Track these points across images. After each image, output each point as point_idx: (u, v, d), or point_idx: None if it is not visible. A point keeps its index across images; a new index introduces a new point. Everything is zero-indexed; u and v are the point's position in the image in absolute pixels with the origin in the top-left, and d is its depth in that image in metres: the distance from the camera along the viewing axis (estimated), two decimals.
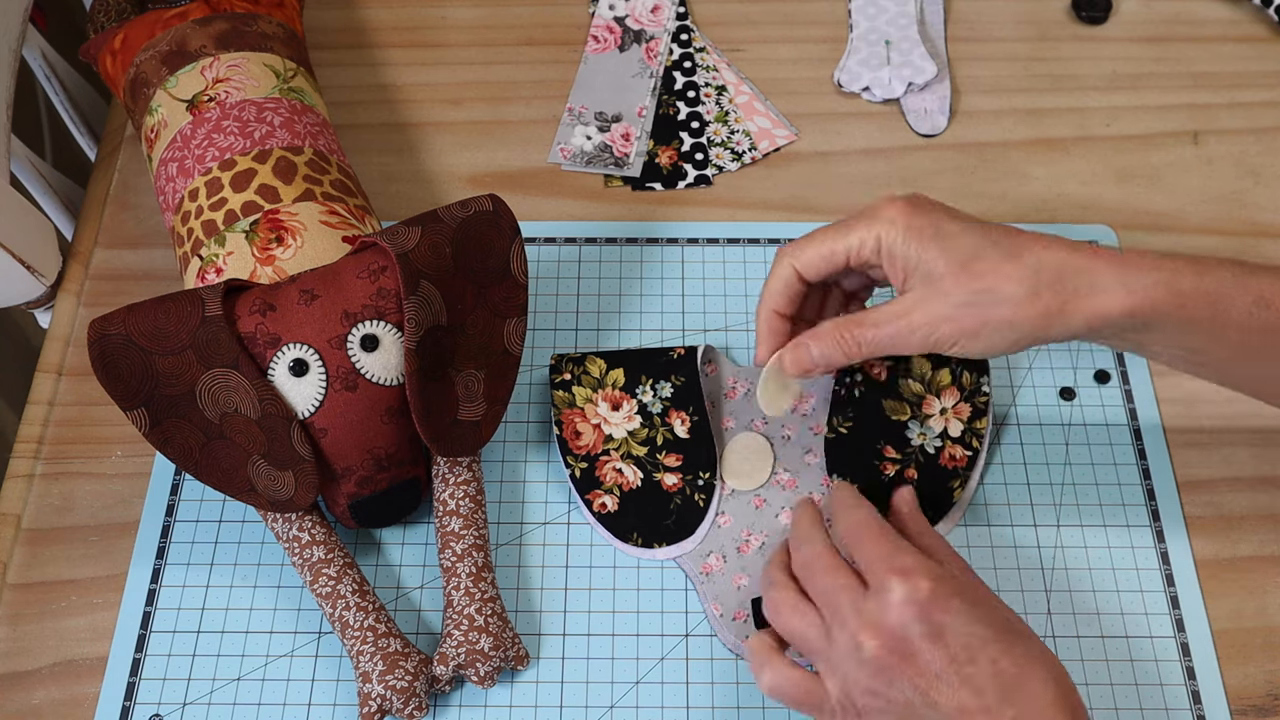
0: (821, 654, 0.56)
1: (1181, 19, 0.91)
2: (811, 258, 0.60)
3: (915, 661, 0.53)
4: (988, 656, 0.52)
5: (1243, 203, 0.81)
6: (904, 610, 0.53)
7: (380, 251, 0.62)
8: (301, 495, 0.61)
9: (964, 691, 0.52)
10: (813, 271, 0.60)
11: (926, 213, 0.58)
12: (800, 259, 0.60)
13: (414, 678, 0.60)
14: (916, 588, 0.53)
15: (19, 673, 0.64)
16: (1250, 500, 0.69)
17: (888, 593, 0.54)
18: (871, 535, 0.57)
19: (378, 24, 0.91)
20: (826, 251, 0.60)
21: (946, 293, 0.57)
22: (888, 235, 0.58)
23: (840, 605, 0.55)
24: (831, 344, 0.60)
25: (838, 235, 0.59)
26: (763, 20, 0.91)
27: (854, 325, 0.60)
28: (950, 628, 0.53)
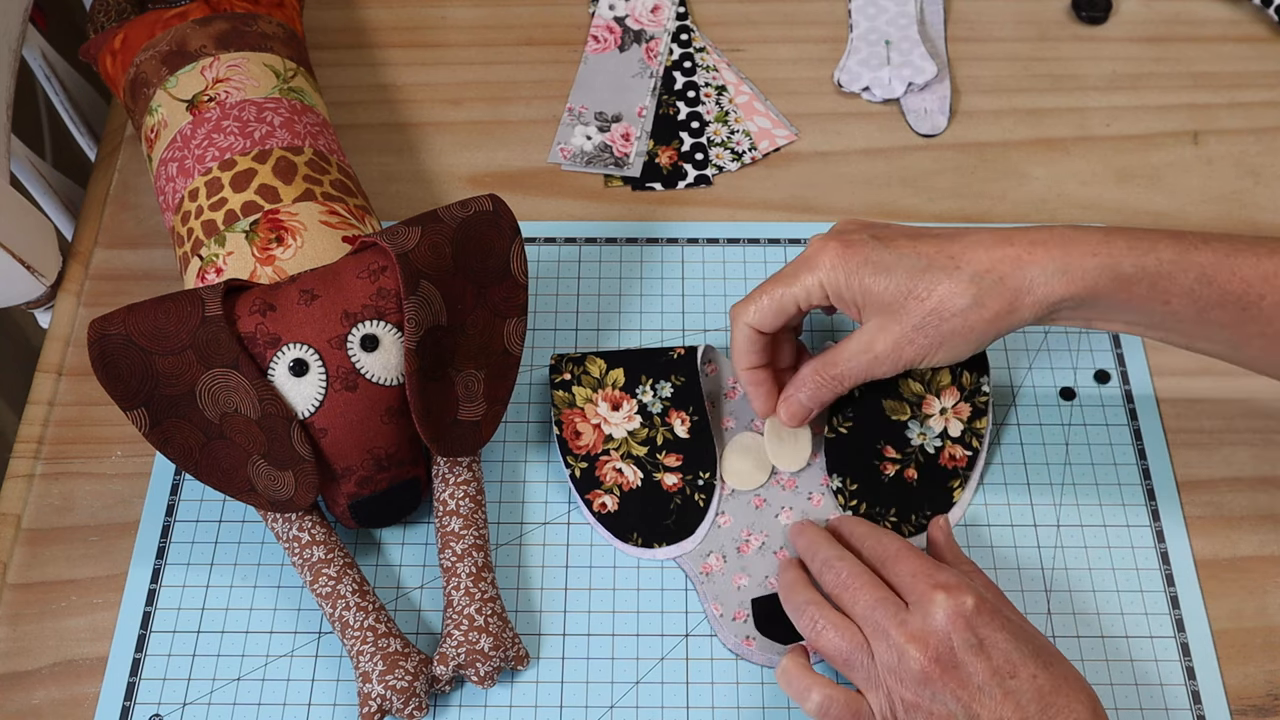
0: (863, 671, 0.57)
1: (1181, 19, 0.91)
2: (764, 314, 0.63)
3: (959, 673, 0.54)
4: (1028, 672, 0.54)
5: (1243, 203, 0.81)
6: (949, 621, 0.55)
7: (380, 251, 0.62)
8: (301, 495, 0.61)
9: (1006, 705, 0.53)
10: (768, 325, 0.63)
11: (859, 249, 0.60)
12: (753, 318, 0.63)
13: (414, 678, 0.60)
14: (961, 601, 0.55)
15: (19, 673, 0.64)
16: (1250, 500, 0.69)
17: (932, 605, 0.55)
18: (907, 555, 0.59)
19: (378, 24, 0.91)
20: (776, 306, 0.62)
21: (899, 319, 0.60)
22: (831, 281, 0.60)
23: (882, 620, 0.56)
24: (814, 388, 0.64)
25: (783, 287, 0.62)
26: (763, 20, 0.91)
27: (829, 366, 0.63)
28: (992, 642, 0.54)
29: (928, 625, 0.55)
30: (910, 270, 0.59)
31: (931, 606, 0.55)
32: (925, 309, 0.59)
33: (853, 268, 0.60)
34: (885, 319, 0.60)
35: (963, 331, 0.59)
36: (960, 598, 0.55)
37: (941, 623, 0.55)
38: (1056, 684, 0.54)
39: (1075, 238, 0.58)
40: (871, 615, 0.57)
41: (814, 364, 0.64)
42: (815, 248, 0.61)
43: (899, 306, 0.60)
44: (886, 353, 0.61)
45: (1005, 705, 0.53)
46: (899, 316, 0.60)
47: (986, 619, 0.55)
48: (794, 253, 0.78)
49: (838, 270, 0.60)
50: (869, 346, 0.61)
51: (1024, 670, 0.54)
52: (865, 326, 0.62)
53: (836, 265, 0.60)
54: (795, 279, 0.62)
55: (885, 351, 0.61)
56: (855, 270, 0.60)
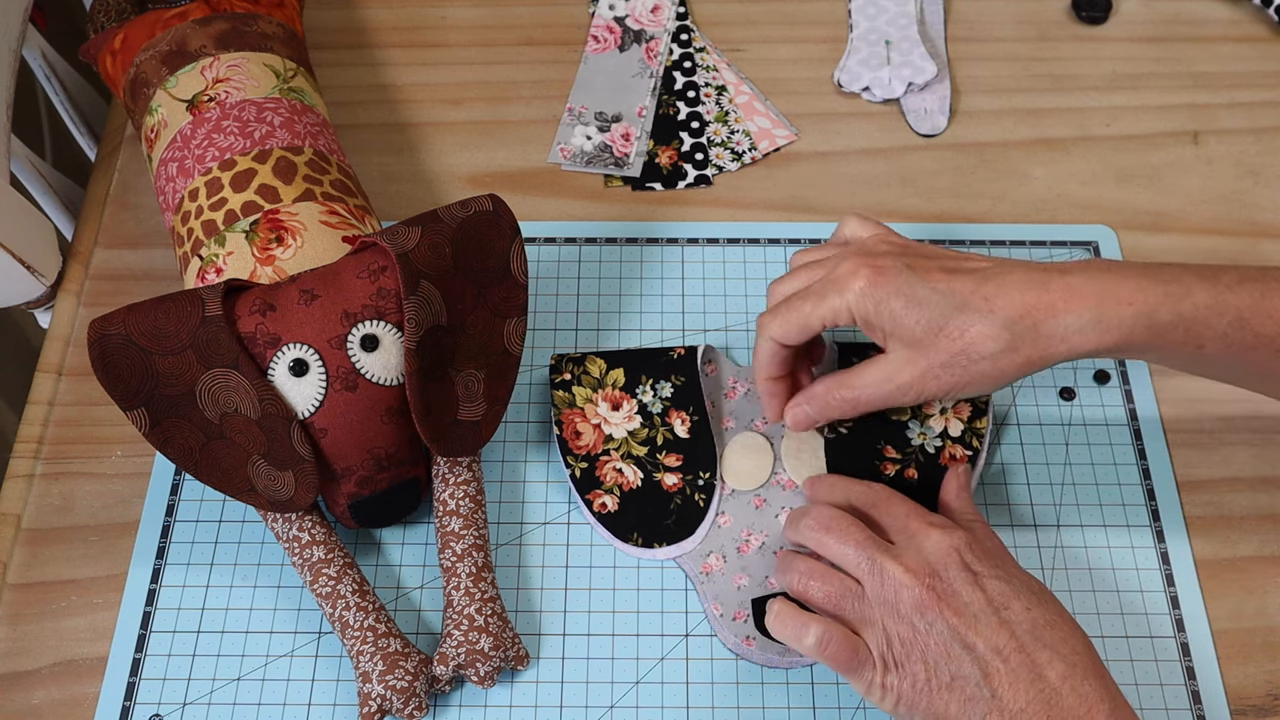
0: (856, 611, 0.57)
1: (1181, 19, 0.91)
2: (789, 329, 0.62)
3: (954, 601, 0.55)
4: (1022, 604, 0.55)
5: (1243, 203, 0.81)
6: (943, 554, 0.56)
7: (380, 251, 0.62)
8: (301, 495, 0.61)
9: (1002, 633, 0.54)
10: (791, 340, 0.63)
11: (891, 279, 0.59)
12: (778, 332, 0.62)
13: (414, 678, 0.60)
14: (954, 536, 0.56)
15: (19, 673, 0.64)
16: (1250, 500, 0.69)
17: (925, 539, 0.57)
18: (899, 498, 0.60)
19: (378, 24, 0.91)
20: (802, 323, 0.61)
21: (927, 355, 0.59)
22: (859, 306, 0.60)
23: (875, 555, 0.57)
24: (823, 405, 0.64)
25: (810, 305, 0.61)
26: (763, 20, 0.91)
27: (844, 388, 0.63)
28: (986, 575, 0.55)
29: (921, 557, 0.56)
30: (943, 308, 0.58)
31: (925, 540, 0.56)
32: (955, 348, 0.58)
33: (883, 296, 0.59)
34: (913, 352, 0.59)
35: (991, 373, 0.58)
36: (953, 534, 0.56)
37: (935, 554, 0.56)
38: (1051, 618, 0.55)
39: (1111, 285, 0.57)
40: (862, 552, 0.57)
41: (829, 382, 0.63)
42: (846, 271, 0.60)
43: (928, 342, 0.59)
44: (909, 384, 0.60)
45: (1000, 634, 0.53)
46: (927, 352, 0.59)
47: (979, 556, 0.56)
48: (794, 252, 0.78)
49: (867, 298, 0.59)
50: (891, 377, 0.61)
51: (1018, 603, 0.54)
52: (889, 356, 0.61)
53: (866, 293, 0.59)
54: (822, 299, 0.60)
55: (908, 383, 0.60)
56: (885, 299, 0.59)
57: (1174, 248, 0.79)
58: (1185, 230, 0.80)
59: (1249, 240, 0.79)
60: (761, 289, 0.76)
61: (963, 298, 0.58)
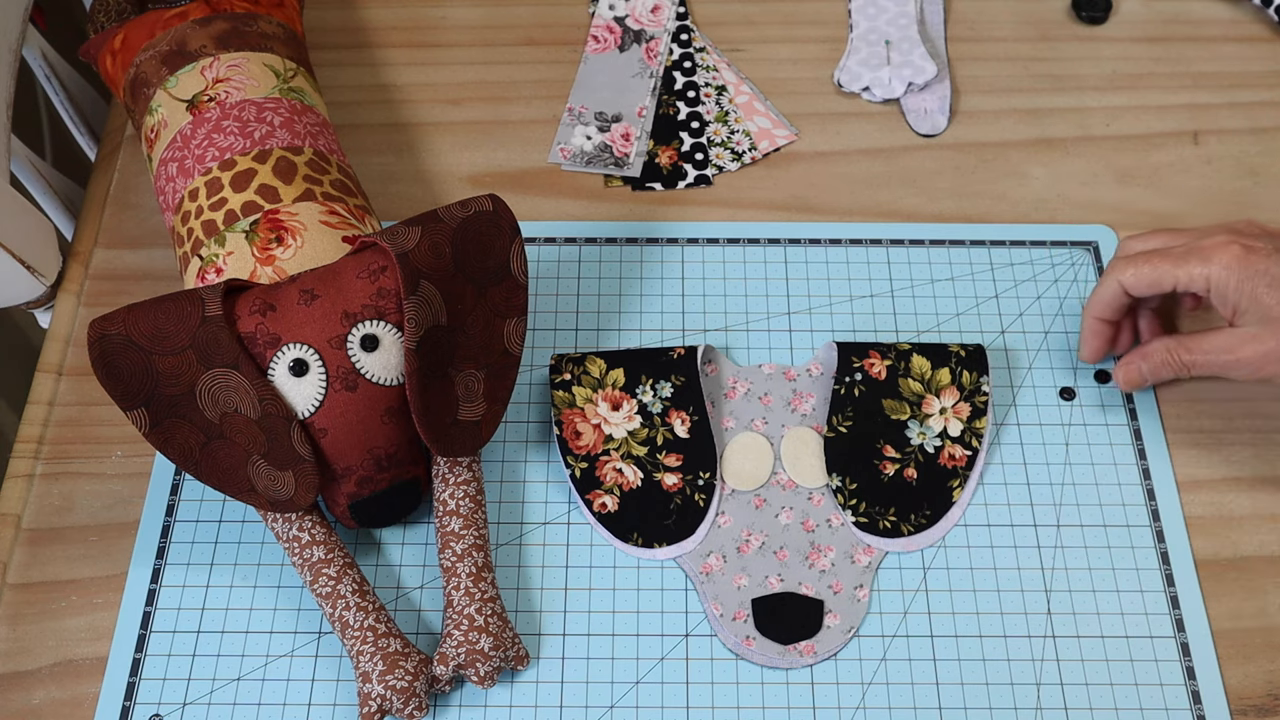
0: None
1: (1181, 19, 0.91)
2: (1141, 280, 0.65)
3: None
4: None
5: (1243, 203, 0.81)
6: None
7: (380, 251, 0.62)
8: (301, 495, 0.61)
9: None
10: (1139, 291, 0.65)
11: (1259, 258, 0.61)
12: (1129, 279, 0.65)
13: (414, 678, 0.60)
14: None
15: (19, 673, 0.64)
16: (1250, 500, 0.69)
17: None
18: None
19: (378, 24, 0.91)
20: (1156, 277, 0.64)
21: (1277, 336, 0.61)
22: (1219, 279, 0.62)
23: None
24: (1160, 364, 0.67)
25: (1171, 265, 0.63)
26: (763, 20, 0.91)
27: (1183, 350, 0.65)
28: None
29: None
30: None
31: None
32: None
33: (1247, 274, 0.61)
34: (1262, 330, 0.62)
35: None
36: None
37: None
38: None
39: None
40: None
41: (1168, 342, 0.66)
42: (1215, 243, 0.63)
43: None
44: (1249, 361, 0.62)
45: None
46: (1277, 333, 0.61)
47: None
48: (794, 253, 0.78)
49: (1231, 272, 0.61)
50: (1233, 349, 0.63)
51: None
52: (1235, 330, 0.63)
53: (1232, 267, 0.61)
54: (1184, 263, 0.63)
55: (1249, 360, 0.62)
56: (1250, 277, 0.61)
57: None
58: None
59: None
60: (762, 289, 0.76)
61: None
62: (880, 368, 0.70)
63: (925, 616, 0.65)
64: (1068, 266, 0.77)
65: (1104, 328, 0.69)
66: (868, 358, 0.70)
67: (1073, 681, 0.63)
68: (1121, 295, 0.67)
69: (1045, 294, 0.76)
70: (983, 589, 0.66)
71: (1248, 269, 0.61)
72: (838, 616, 0.64)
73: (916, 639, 0.64)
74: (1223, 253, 0.62)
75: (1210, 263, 0.62)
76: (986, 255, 0.78)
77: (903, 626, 0.65)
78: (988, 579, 0.66)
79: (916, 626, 0.65)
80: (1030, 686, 0.63)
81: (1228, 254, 0.62)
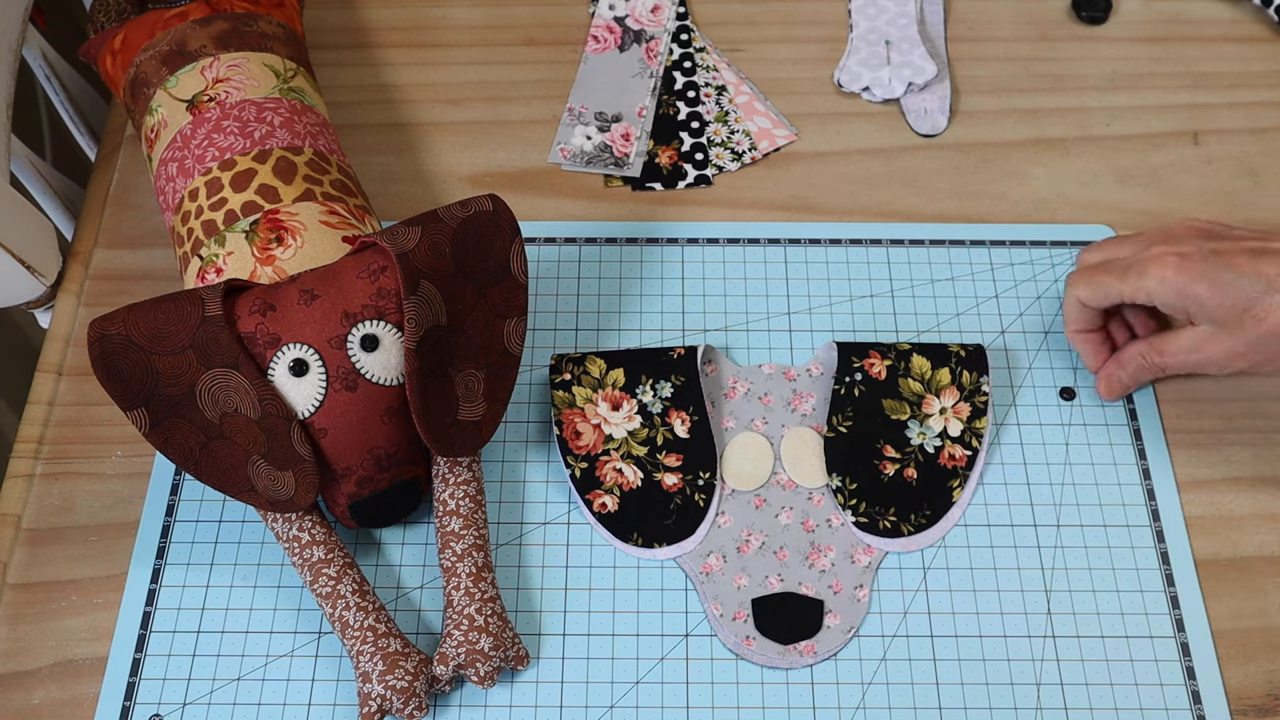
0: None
1: (1181, 19, 0.91)
2: (1093, 294, 0.66)
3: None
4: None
5: (1243, 203, 0.81)
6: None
7: (380, 251, 0.62)
8: (301, 495, 0.61)
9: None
10: (1095, 304, 0.67)
11: (1194, 265, 0.62)
12: (1084, 294, 0.67)
13: (414, 678, 0.60)
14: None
15: (19, 673, 0.64)
16: (1250, 500, 0.69)
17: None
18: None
19: (378, 24, 0.91)
20: (1103, 292, 0.66)
21: (1233, 334, 0.62)
22: (1159, 293, 0.62)
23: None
24: (1136, 369, 0.68)
25: (1115, 280, 0.65)
26: (763, 20, 0.91)
27: (1155, 354, 0.66)
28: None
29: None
30: (1248, 291, 0.60)
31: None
32: (1262, 329, 0.61)
33: (1185, 283, 0.61)
34: (1218, 329, 0.62)
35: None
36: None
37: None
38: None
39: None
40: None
41: (1141, 347, 0.67)
42: (1152, 256, 0.63)
43: (1234, 322, 0.61)
44: (1217, 359, 0.63)
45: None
46: (1232, 331, 0.61)
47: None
48: (794, 253, 0.78)
49: (1168, 284, 0.62)
50: (1199, 347, 0.63)
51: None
52: (1196, 330, 0.64)
53: (1167, 279, 0.62)
54: (1125, 277, 0.64)
55: (1215, 357, 0.63)
56: (1188, 285, 0.61)
57: None
58: None
59: None
60: (762, 289, 0.76)
61: (1268, 280, 0.60)
62: (880, 368, 0.70)
63: (925, 616, 0.65)
64: (1068, 266, 0.77)
65: (1090, 337, 0.70)
66: (868, 358, 0.70)
67: (1073, 681, 0.63)
68: (1082, 308, 0.68)
69: (1045, 294, 0.76)
70: (983, 589, 0.66)
71: (1184, 276, 0.62)
72: (838, 616, 0.64)
73: (916, 639, 0.64)
74: (1158, 266, 0.63)
75: (1147, 276, 0.63)
76: (986, 255, 0.78)
77: (903, 626, 0.65)
78: (988, 579, 0.66)
79: (916, 626, 0.65)
80: (1030, 686, 0.63)
81: (1163, 268, 0.62)
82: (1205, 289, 0.61)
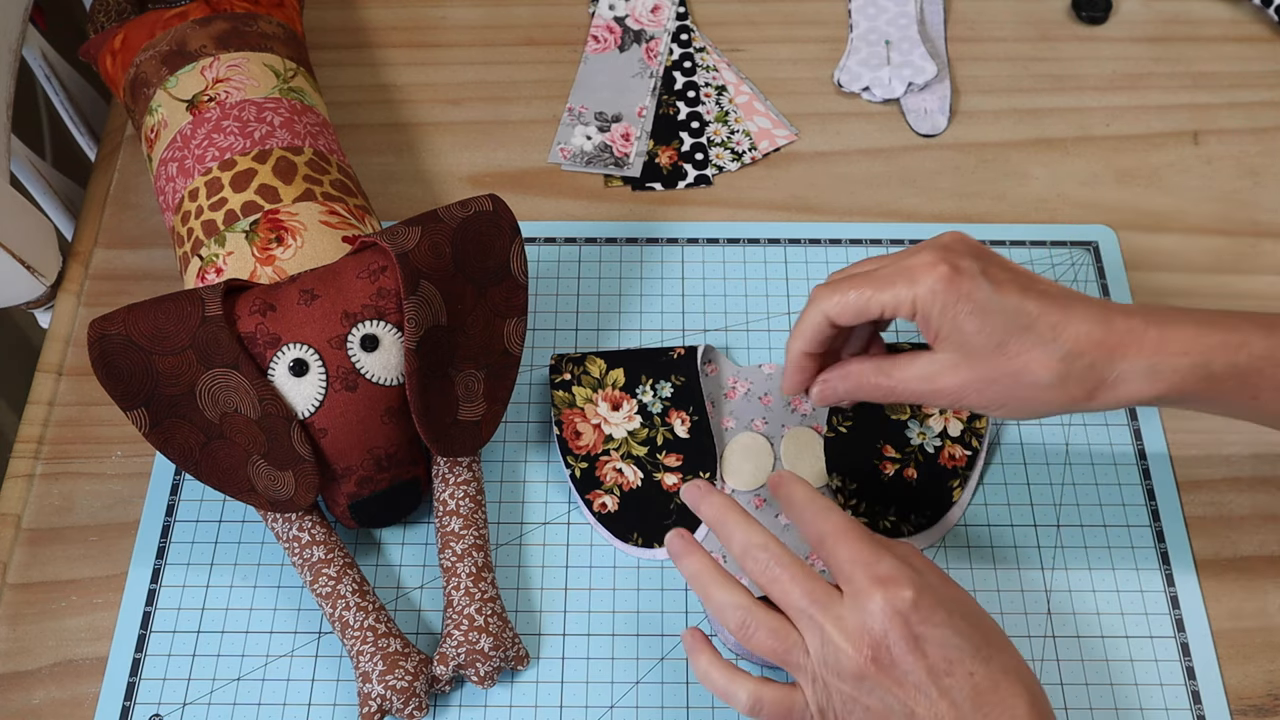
0: (798, 665, 0.55)
1: (1181, 19, 0.91)
2: (845, 308, 0.59)
3: (895, 671, 0.52)
4: (965, 670, 0.52)
5: (1243, 203, 0.81)
6: (886, 619, 0.52)
7: (380, 251, 0.62)
8: (301, 495, 0.61)
9: (942, 703, 0.52)
10: (844, 320, 0.59)
11: (965, 282, 0.56)
12: (833, 308, 0.59)
13: (414, 678, 0.60)
14: (900, 597, 0.53)
15: (19, 673, 0.64)
16: (1250, 500, 0.69)
17: (869, 601, 0.53)
18: (847, 536, 0.56)
19: (378, 24, 0.91)
20: (861, 304, 0.58)
21: (975, 366, 0.57)
22: (925, 302, 0.57)
23: (817, 615, 0.54)
24: (857, 386, 0.61)
25: (874, 289, 0.58)
26: (763, 20, 0.91)
27: (881, 375, 0.60)
28: (930, 639, 0.53)
29: (865, 622, 0.53)
30: (1008, 324, 0.56)
31: (869, 603, 0.53)
32: (1008, 368, 0.56)
33: (953, 299, 0.56)
34: (961, 359, 0.57)
35: (1032, 402, 0.57)
36: (899, 592, 0.53)
37: (879, 620, 0.52)
38: (994, 680, 0.52)
39: (1170, 332, 0.56)
40: (806, 610, 0.54)
41: (868, 366, 0.60)
42: (922, 263, 0.57)
43: (982, 355, 0.57)
44: (948, 391, 0.58)
45: (941, 703, 0.52)
46: (976, 364, 0.57)
47: (925, 614, 0.53)
48: (794, 253, 0.78)
49: (937, 297, 0.56)
50: (933, 378, 0.58)
51: (960, 669, 0.52)
52: (937, 356, 0.58)
53: (937, 291, 0.56)
54: (889, 286, 0.58)
55: (947, 389, 0.58)
56: (955, 302, 0.56)
57: (1174, 248, 0.79)
58: (1185, 230, 0.80)
59: (1249, 240, 0.79)
60: (762, 289, 0.76)
61: (1030, 318, 0.56)
62: None
63: None
64: (1068, 266, 0.77)
65: (810, 361, 0.62)
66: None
67: (1073, 681, 0.63)
68: (827, 327, 0.60)
69: None
70: (983, 589, 0.66)
71: (953, 292, 0.56)
72: None
73: None
74: (928, 274, 0.57)
75: (916, 284, 0.57)
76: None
77: None
78: (988, 579, 0.66)
79: None
80: None
81: (935, 274, 0.56)
82: (970, 310, 0.56)
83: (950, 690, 0.52)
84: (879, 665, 0.52)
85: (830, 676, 0.54)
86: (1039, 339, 0.56)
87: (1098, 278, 0.77)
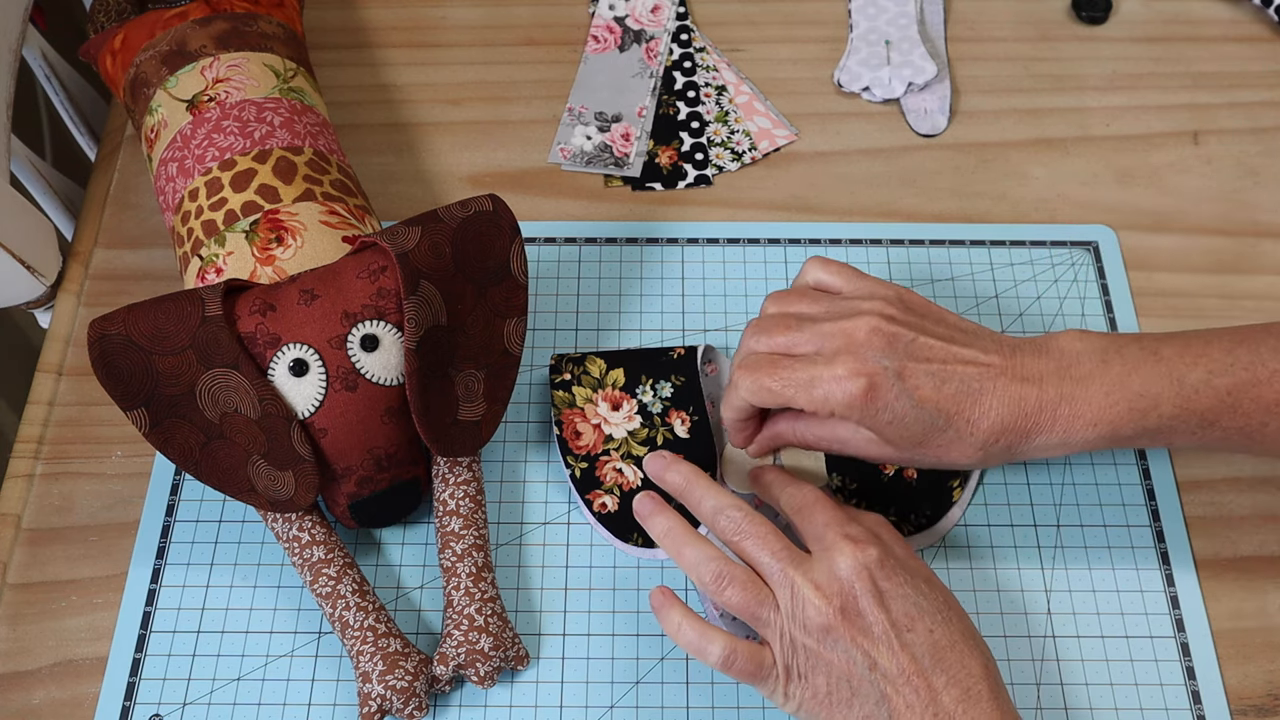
0: (767, 622, 0.57)
1: (1181, 19, 0.91)
2: (764, 398, 0.60)
3: (860, 622, 0.55)
4: (925, 626, 0.55)
5: (1243, 203, 0.81)
6: (854, 572, 0.56)
7: (380, 251, 0.62)
8: (301, 495, 0.61)
9: (903, 655, 0.54)
10: (765, 405, 0.61)
11: (883, 394, 0.58)
12: (757, 396, 0.60)
13: (414, 678, 0.60)
14: (866, 553, 0.56)
15: (19, 673, 0.64)
16: (1250, 500, 0.69)
17: (838, 554, 0.56)
18: (824, 506, 0.59)
19: (378, 24, 0.91)
20: (784, 399, 0.59)
21: (898, 450, 0.60)
22: (842, 411, 0.58)
23: (788, 570, 0.57)
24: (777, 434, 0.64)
25: (795, 391, 0.59)
26: (763, 20, 0.91)
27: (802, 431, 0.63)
28: (893, 594, 0.56)
29: (833, 574, 0.56)
30: (928, 426, 0.58)
31: (838, 556, 0.56)
32: (929, 455, 0.60)
33: (870, 411, 0.58)
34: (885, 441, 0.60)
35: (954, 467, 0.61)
36: (866, 549, 0.56)
37: (846, 572, 0.56)
38: (952, 639, 0.55)
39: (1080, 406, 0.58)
40: (775, 565, 0.57)
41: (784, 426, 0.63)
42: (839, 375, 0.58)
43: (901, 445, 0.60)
44: (864, 452, 0.61)
45: (902, 656, 0.54)
46: (898, 448, 0.60)
47: (889, 572, 0.56)
48: (794, 253, 0.78)
49: (854, 409, 0.58)
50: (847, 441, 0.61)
51: (921, 625, 0.55)
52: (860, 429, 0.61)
53: (855, 405, 0.58)
54: (810, 390, 0.58)
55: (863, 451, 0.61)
56: (874, 414, 0.58)
57: (1174, 248, 0.79)
58: (1185, 230, 0.80)
59: (1249, 240, 0.79)
60: (761, 289, 0.76)
61: (948, 418, 0.58)
62: None
63: None
64: (1068, 266, 0.77)
65: (748, 424, 0.64)
66: None
67: (1073, 681, 0.63)
68: (749, 409, 0.62)
69: (1045, 294, 0.76)
70: (983, 589, 0.66)
71: (871, 406, 0.58)
72: None
73: None
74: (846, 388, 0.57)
75: (831, 400, 0.58)
76: (986, 255, 0.78)
77: None
78: (988, 579, 0.66)
79: None
80: (1030, 686, 0.63)
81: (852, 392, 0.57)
82: (889, 420, 0.58)
83: (911, 644, 0.55)
84: (845, 616, 0.55)
85: (798, 631, 0.56)
86: (956, 435, 0.59)
87: (1098, 278, 0.77)
